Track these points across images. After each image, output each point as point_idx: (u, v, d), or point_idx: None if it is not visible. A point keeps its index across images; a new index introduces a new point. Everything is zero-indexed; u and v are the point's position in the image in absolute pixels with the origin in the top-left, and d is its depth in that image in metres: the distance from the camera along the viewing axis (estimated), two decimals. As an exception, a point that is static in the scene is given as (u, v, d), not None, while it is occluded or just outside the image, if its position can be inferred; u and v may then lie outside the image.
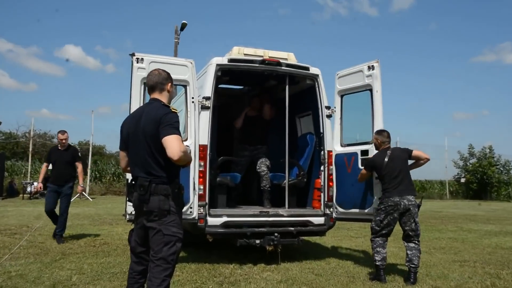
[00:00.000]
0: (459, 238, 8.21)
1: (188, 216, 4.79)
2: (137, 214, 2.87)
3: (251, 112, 6.60)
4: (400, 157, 4.86)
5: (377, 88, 5.19)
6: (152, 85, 2.95)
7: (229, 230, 5.11)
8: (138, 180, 2.79)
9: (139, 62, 4.73)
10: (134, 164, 2.87)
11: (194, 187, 4.85)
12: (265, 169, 6.13)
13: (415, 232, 4.71)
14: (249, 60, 5.46)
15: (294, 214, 5.51)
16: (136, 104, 4.55)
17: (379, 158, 4.87)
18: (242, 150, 6.52)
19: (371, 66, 5.23)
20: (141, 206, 2.79)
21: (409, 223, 4.69)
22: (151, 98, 2.99)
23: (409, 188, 4.76)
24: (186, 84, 4.94)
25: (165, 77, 2.98)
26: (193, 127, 4.90)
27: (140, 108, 3.06)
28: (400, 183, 4.74)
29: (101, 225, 9.03)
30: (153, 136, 2.75)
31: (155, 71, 2.99)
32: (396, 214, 4.69)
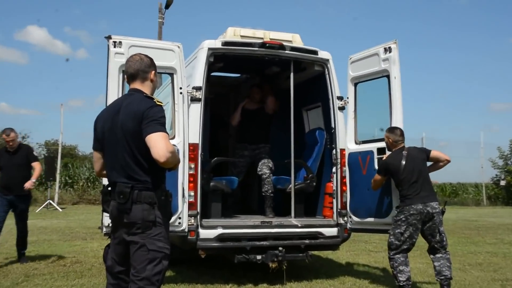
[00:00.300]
0: (499, 253, 8.20)
1: (176, 228, 4.79)
2: (115, 226, 2.86)
3: (250, 105, 6.59)
4: (418, 158, 4.89)
5: (395, 74, 5.17)
6: (133, 73, 2.94)
7: (225, 244, 5.10)
8: (117, 186, 2.78)
9: (116, 46, 4.72)
10: (112, 167, 2.86)
11: (183, 194, 4.84)
12: (267, 171, 6.13)
13: (441, 243, 4.75)
14: (247, 43, 5.45)
15: (302, 224, 5.51)
16: (113, 96, 4.53)
17: (394, 160, 4.89)
18: (241, 149, 6.52)
19: (388, 48, 5.21)
20: (121, 217, 2.78)
21: (435, 234, 4.73)
22: (131, 89, 2.97)
23: (432, 193, 4.81)
24: (173, 72, 4.93)
25: (147, 64, 2.97)
26: (182, 123, 4.89)
27: (118, 100, 3.05)
28: (422, 188, 4.77)
29: (72, 240, 9.02)
30: (134, 133, 2.74)
31: (135, 56, 2.98)
32: (419, 224, 4.72)
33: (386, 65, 5.23)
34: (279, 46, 5.50)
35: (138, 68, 2.93)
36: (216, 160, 5.87)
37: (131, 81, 2.96)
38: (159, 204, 2.78)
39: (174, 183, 4.67)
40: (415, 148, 5.10)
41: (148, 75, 2.96)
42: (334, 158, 5.69)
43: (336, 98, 5.70)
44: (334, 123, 5.70)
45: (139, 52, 3.08)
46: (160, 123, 2.71)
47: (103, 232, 4.65)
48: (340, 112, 5.72)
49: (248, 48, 5.44)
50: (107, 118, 2.91)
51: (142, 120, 2.71)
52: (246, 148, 6.48)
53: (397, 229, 4.76)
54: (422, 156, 4.95)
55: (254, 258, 5.08)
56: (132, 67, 2.93)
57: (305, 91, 6.53)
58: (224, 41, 5.37)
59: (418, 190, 4.74)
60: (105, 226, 4.55)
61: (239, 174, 6.34)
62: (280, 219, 5.68)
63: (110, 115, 2.90)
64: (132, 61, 2.95)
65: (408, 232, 4.72)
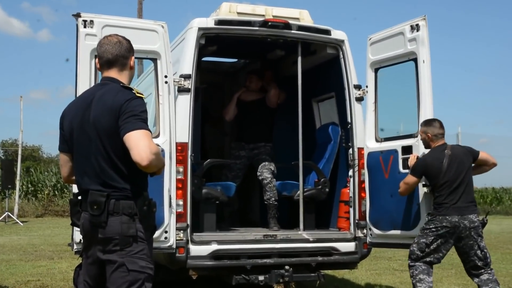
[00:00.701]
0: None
1: (162, 243, 4.80)
2: (88, 243, 2.89)
3: (247, 96, 6.60)
4: (464, 161, 4.92)
5: (423, 56, 5.17)
6: (110, 59, 2.95)
7: (220, 262, 5.12)
8: (90, 195, 2.80)
9: (87, 26, 4.74)
10: (83, 172, 2.88)
11: (170, 203, 4.86)
12: (269, 175, 6.15)
13: (484, 261, 4.78)
14: (245, 21, 5.47)
15: (313, 238, 5.53)
16: (84, 87, 4.54)
17: (435, 160, 4.91)
18: (236, 149, 6.53)
19: (415, 25, 5.21)
20: (95, 231, 2.80)
21: (472, 252, 4.78)
22: (105, 77, 2.99)
23: (472, 204, 4.88)
24: (156, 57, 4.95)
25: (127, 48, 2.99)
26: (167, 118, 4.91)
27: (89, 91, 3.05)
28: (461, 196, 4.82)
29: (36, 260, 9.06)
30: (109, 132, 2.76)
31: (112, 38, 2.99)
32: (451, 239, 4.79)
33: (413, 47, 5.23)
34: (283, 25, 5.52)
35: (117, 53, 2.94)
36: (209, 163, 5.89)
37: (106, 68, 2.97)
38: (141, 215, 2.80)
39: (159, 191, 4.69)
40: (459, 147, 5.12)
41: (128, 61, 2.99)
42: (351, 159, 5.71)
43: (353, 87, 5.71)
44: (350, 117, 5.72)
45: (115, 33, 3.08)
46: (141, 119, 2.73)
47: (73, 250, 4.67)
48: (358, 104, 5.73)
49: (247, 28, 5.46)
50: (76, 113, 2.92)
51: (120, 115, 2.73)
52: (243, 147, 6.49)
53: (423, 239, 4.84)
54: (468, 159, 4.98)
55: (255, 279, 5.10)
56: (109, 51, 2.94)
57: (316, 78, 6.54)
58: (217, 20, 5.39)
59: (457, 198, 4.80)
60: (76, 242, 4.56)
61: (234, 178, 6.35)
62: (286, 232, 5.70)
63: (79, 109, 2.91)
64: (108, 44, 2.95)
65: (435, 245, 4.79)
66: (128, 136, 2.68)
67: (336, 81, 5.94)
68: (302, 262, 5.33)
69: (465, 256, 4.87)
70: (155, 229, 3.06)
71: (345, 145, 5.88)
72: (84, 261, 2.94)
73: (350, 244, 5.57)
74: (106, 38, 2.99)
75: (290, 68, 6.74)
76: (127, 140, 2.68)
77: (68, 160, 3.01)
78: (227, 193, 5.95)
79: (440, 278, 7.60)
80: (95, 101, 2.85)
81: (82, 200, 2.87)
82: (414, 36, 5.21)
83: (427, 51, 5.19)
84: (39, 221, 18.32)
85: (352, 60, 5.76)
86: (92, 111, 2.83)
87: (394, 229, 5.37)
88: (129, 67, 3.00)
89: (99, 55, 2.99)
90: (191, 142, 5.13)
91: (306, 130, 6.05)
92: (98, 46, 3.00)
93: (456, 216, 4.76)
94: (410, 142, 5.32)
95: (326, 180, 6.07)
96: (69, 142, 2.95)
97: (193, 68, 5.19)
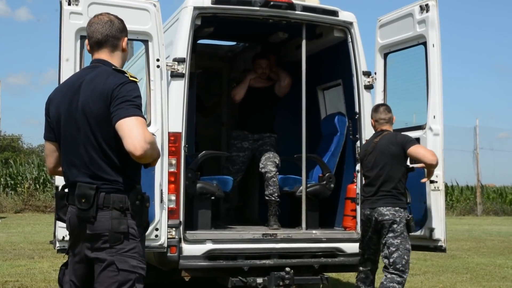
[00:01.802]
0: None
1: (152, 242, 4.81)
2: (75, 240, 2.90)
3: (257, 82, 6.58)
4: (385, 153, 5.00)
5: (433, 40, 5.20)
6: (100, 39, 2.95)
7: (216, 263, 5.14)
8: (78, 188, 2.80)
9: (72, 3, 4.73)
10: (70, 163, 2.89)
11: (161, 198, 4.87)
12: (273, 169, 6.14)
13: (388, 259, 4.96)
14: (245, 1, 5.45)
15: (316, 238, 5.55)
16: (69, 71, 4.55)
17: (364, 146, 5.31)
18: (239, 139, 6.47)
19: (425, 5, 5.23)
20: (82, 227, 2.81)
21: (380, 248, 5.08)
22: (96, 59, 2.99)
23: (388, 196, 5.00)
24: (147, 38, 4.95)
25: (119, 28, 2.99)
26: (159, 106, 4.91)
27: (78, 74, 3.05)
28: (378, 189, 5.02)
29: (15, 259, 9.06)
30: (100, 119, 2.77)
31: (103, 16, 2.99)
32: (371, 233, 5.13)
33: (422, 29, 5.29)
34: (287, 4, 5.51)
35: (107, 33, 2.94)
36: (204, 154, 5.89)
37: (96, 49, 2.97)
38: (133, 210, 2.81)
39: (150, 184, 4.69)
40: (390, 136, 5.10)
41: (119, 42, 2.99)
42: (359, 152, 5.72)
43: (362, 74, 5.71)
44: (358, 106, 5.72)
45: (107, 12, 3.08)
46: (135, 105, 2.73)
47: (55, 249, 4.68)
48: (367, 92, 5.74)
49: (247, 8, 5.44)
50: (63, 98, 2.92)
51: (111, 101, 2.73)
52: (247, 138, 6.45)
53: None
54: (393, 150, 4.98)
55: (253, 282, 5.11)
56: (99, 31, 2.94)
57: (321, 64, 6.54)
58: (214, -2, 5.38)
59: (373, 191, 5.04)
60: (58, 240, 4.58)
61: (237, 172, 6.32)
62: (287, 231, 5.72)
63: (67, 94, 2.91)
64: (98, 23, 2.95)
65: (364, 240, 5.22)
66: (120, 124, 2.68)
67: (344, 67, 5.94)
68: (304, 263, 5.36)
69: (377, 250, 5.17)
70: (148, 226, 3.08)
71: (353, 137, 5.88)
72: (70, 259, 2.95)
73: (356, 245, 5.56)
74: (97, 17, 2.99)
75: (293, 53, 6.74)
76: (119, 128, 2.68)
77: (54, 150, 3.01)
78: (224, 188, 5.94)
79: (454, 283, 7.65)
80: (84, 85, 2.84)
81: (69, 193, 2.87)
82: (424, 18, 5.24)
83: (437, 34, 5.21)
84: (19, 217, 18.31)
85: (361, 44, 5.76)
86: (81, 96, 2.83)
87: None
88: (121, 48, 3.00)
89: (88, 36, 2.99)
90: (185, 132, 5.14)
91: (310, 120, 6.05)
92: (88, 26, 3.00)
93: (368, 209, 5.07)
94: (418, 134, 5.34)
95: (331, 175, 6.08)
96: (56, 130, 2.95)
97: (188, 51, 5.19)
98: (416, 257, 9.80)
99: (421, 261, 9.45)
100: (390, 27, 5.61)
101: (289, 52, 7.00)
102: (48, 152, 3.07)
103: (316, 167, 6.28)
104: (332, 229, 6.12)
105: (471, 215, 23.65)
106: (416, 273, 8.30)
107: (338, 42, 5.98)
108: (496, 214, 24.35)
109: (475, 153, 23.94)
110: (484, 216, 23.42)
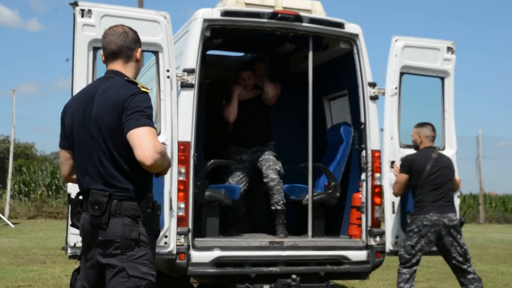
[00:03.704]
0: None
1: (161, 249, 4.82)
2: (87, 245, 2.90)
3: (243, 95, 6.44)
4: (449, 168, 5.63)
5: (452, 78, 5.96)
6: (114, 50, 2.96)
7: (223, 270, 5.14)
8: (91, 195, 2.81)
9: (85, 15, 4.76)
10: (84, 171, 2.90)
11: (170, 206, 4.88)
12: (275, 176, 6.09)
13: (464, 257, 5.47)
14: (254, 13, 5.47)
15: (322, 246, 5.54)
16: (81, 81, 4.58)
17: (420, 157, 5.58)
18: (238, 153, 6.39)
19: (450, 48, 5.90)
20: (95, 233, 2.81)
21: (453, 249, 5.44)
22: (110, 71, 3.00)
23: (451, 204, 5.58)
24: (158, 49, 4.97)
25: (133, 39, 3.01)
26: (169, 116, 4.92)
27: (92, 85, 3.08)
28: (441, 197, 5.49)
29: (28, 264, 9.08)
30: (112, 128, 2.78)
31: (118, 28, 3.01)
32: (433, 238, 5.40)
33: (448, 66, 5.92)
34: (294, 17, 5.52)
35: (122, 44, 2.96)
36: (213, 163, 5.89)
37: (110, 60, 2.99)
38: (144, 218, 2.81)
39: (160, 192, 4.70)
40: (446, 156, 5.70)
41: (133, 53, 3.00)
42: (364, 162, 5.70)
43: (367, 85, 5.70)
44: (364, 116, 5.71)
45: (121, 24, 3.10)
46: (146, 115, 2.73)
47: (67, 254, 4.69)
48: (372, 103, 5.72)
49: (255, 20, 5.46)
50: (78, 108, 2.94)
51: (123, 111, 2.74)
52: (245, 152, 6.37)
53: (408, 241, 5.44)
54: (452, 169, 5.66)
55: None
56: (114, 42, 2.96)
57: (327, 75, 6.53)
58: (224, 10, 5.39)
59: (436, 198, 5.43)
60: (70, 246, 4.59)
61: (242, 181, 6.26)
62: (294, 238, 5.71)
63: (81, 104, 2.93)
64: (113, 34, 2.97)
65: (419, 245, 5.39)
66: (131, 134, 2.69)
67: (349, 78, 5.94)
68: (310, 271, 5.35)
69: (447, 254, 5.46)
70: (159, 233, 3.07)
71: (358, 147, 5.86)
72: (82, 264, 2.95)
73: (361, 252, 5.57)
74: (111, 29, 3.01)
75: (300, 64, 6.73)
76: (130, 138, 2.69)
77: (69, 158, 3.03)
78: (232, 196, 5.94)
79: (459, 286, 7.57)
80: (98, 96, 2.86)
81: (83, 200, 2.88)
82: (450, 58, 5.92)
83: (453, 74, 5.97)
84: (31, 223, 18.34)
85: (367, 56, 5.76)
86: (94, 106, 2.84)
87: None
88: (135, 59, 3.01)
89: (103, 46, 3.01)
90: (194, 141, 5.14)
91: (316, 130, 6.04)
92: (103, 37, 3.02)
93: (436, 214, 5.36)
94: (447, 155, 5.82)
95: (337, 184, 6.07)
96: (70, 138, 2.97)
97: (197, 62, 5.20)
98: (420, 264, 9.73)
99: (424, 268, 9.37)
100: (415, 51, 5.81)
101: (296, 63, 7.00)
102: (63, 160, 3.09)
103: (322, 176, 6.26)
104: (337, 237, 6.10)
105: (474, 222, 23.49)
106: (420, 280, 8.23)
107: (344, 54, 5.98)
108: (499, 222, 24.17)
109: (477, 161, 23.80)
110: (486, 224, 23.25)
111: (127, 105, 2.74)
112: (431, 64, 5.87)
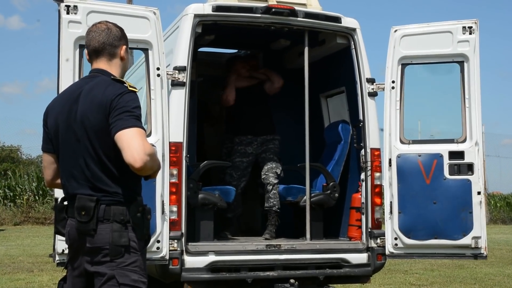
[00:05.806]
0: None
1: (153, 254, 4.80)
2: (74, 253, 2.89)
3: (240, 82, 6.49)
4: None
5: (476, 61, 5.47)
6: (96, 47, 2.96)
7: (218, 275, 5.13)
8: (77, 200, 2.80)
9: (70, 12, 4.75)
10: (69, 175, 2.88)
11: (162, 210, 4.86)
12: (274, 180, 6.11)
13: None
14: (246, 7, 5.46)
15: (321, 248, 5.54)
16: (67, 81, 4.55)
17: None
18: (243, 145, 6.38)
19: (468, 27, 5.51)
20: (82, 240, 2.80)
21: None
22: (94, 69, 2.99)
23: None
24: (147, 47, 4.96)
25: (117, 36, 3.00)
26: (160, 116, 4.91)
27: (76, 84, 3.07)
28: None
29: (14, 272, 9.05)
30: (99, 130, 2.77)
31: (101, 25, 3.00)
32: None
33: (464, 49, 5.50)
34: (289, 11, 5.51)
35: (104, 40, 2.95)
36: (206, 164, 5.88)
37: (94, 58, 2.98)
38: (134, 223, 2.80)
39: (151, 196, 4.68)
40: None
41: (117, 50, 2.99)
42: (363, 161, 5.70)
43: (366, 81, 5.70)
44: (362, 114, 5.70)
45: (106, 20, 3.09)
46: (134, 116, 2.73)
47: (55, 262, 4.67)
48: (371, 100, 5.71)
49: (248, 15, 5.45)
50: (62, 109, 2.92)
51: (110, 111, 2.73)
52: (251, 143, 6.32)
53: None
54: None
55: (257, 294, 5.10)
56: (96, 39, 2.95)
57: (324, 72, 6.53)
58: (215, 5, 5.38)
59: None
60: (58, 253, 4.57)
61: (241, 178, 6.22)
62: (291, 241, 5.70)
63: (65, 105, 2.92)
64: (96, 31, 2.97)
65: None
66: (119, 135, 2.67)
67: (347, 74, 5.94)
68: (309, 275, 5.34)
69: None
70: (149, 239, 3.06)
71: (357, 146, 5.86)
72: (69, 273, 2.93)
73: (362, 255, 5.56)
74: (95, 26, 3.01)
75: (296, 60, 6.74)
76: (118, 140, 2.68)
77: (52, 162, 3.01)
78: (226, 198, 5.93)
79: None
80: (83, 96, 2.85)
81: (69, 205, 2.86)
82: (467, 38, 5.51)
83: (478, 55, 5.51)
84: (18, 229, 18.31)
85: (364, 51, 5.76)
86: (80, 107, 2.83)
87: (436, 238, 5.44)
88: (119, 56, 3.00)
89: (86, 44, 3.01)
90: (186, 141, 5.13)
91: (313, 128, 6.05)
92: (86, 34, 3.02)
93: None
94: (459, 148, 5.50)
95: (335, 184, 6.06)
96: (54, 141, 2.95)
97: (189, 59, 5.19)
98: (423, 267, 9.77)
99: (428, 272, 9.41)
100: (417, 39, 5.64)
101: (292, 59, 7.00)
102: (46, 164, 3.07)
103: (320, 176, 6.26)
104: (337, 239, 6.09)
105: (478, 223, 23.60)
106: (423, 284, 8.27)
107: (341, 49, 5.98)
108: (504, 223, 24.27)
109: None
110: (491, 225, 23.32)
111: (115, 105, 2.73)
112: (442, 49, 5.60)
